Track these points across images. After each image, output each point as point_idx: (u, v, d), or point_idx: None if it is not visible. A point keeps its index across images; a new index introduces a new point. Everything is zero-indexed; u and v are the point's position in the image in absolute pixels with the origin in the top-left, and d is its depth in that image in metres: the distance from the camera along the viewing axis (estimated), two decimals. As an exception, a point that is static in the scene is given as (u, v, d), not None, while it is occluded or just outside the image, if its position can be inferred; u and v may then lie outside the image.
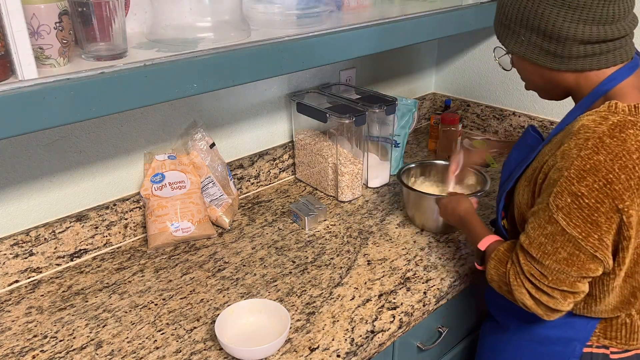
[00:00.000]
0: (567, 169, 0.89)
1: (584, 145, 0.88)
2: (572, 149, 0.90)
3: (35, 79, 0.84)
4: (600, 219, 0.88)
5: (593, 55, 0.93)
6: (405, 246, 1.40)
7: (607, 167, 0.86)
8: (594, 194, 0.87)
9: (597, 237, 0.89)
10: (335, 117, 1.52)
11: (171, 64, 0.98)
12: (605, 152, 0.86)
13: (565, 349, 1.07)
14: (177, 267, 1.32)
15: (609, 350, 1.06)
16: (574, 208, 0.88)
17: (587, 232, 0.89)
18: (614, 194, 0.86)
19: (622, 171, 0.86)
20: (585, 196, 0.87)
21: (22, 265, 1.26)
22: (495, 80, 2.02)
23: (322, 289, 1.24)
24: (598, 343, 1.06)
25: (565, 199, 0.89)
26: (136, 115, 1.38)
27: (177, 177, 1.41)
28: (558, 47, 0.94)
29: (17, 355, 1.06)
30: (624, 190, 0.86)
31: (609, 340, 1.05)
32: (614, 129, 0.88)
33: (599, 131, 0.88)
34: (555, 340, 1.08)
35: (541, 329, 1.10)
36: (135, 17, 1.16)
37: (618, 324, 1.05)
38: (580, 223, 0.89)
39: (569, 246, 0.91)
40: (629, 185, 0.86)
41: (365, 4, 1.51)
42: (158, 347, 1.08)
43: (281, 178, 1.76)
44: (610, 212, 0.87)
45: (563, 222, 0.90)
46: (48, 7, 0.88)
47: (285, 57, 1.15)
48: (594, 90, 0.96)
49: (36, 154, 1.24)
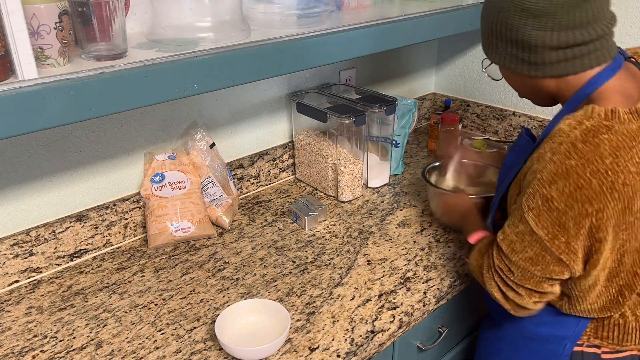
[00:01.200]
0: (540, 171, 0.91)
1: (557, 150, 0.89)
2: (547, 152, 0.91)
3: (35, 79, 0.84)
4: (568, 222, 0.89)
5: (567, 60, 0.93)
6: (405, 246, 1.40)
7: (578, 171, 0.86)
8: (564, 198, 0.88)
9: (564, 241, 0.91)
10: (335, 117, 1.52)
11: (171, 64, 0.98)
12: (577, 157, 0.87)
13: (557, 347, 1.07)
14: (177, 267, 1.32)
15: (600, 350, 1.06)
16: (544, 210, 0.90)
17: (553, 235, 0.91)
18: (584, 198, 0.87)
19: (594, 176, 0.86)
20: (555, 199, 0.88)
21: (22, 265, 1.26)
22: (495, 80, 2.02)
23: (322, 289, 1.24)
24: (589, 342, 1.06)
25: (536, 200, 0.91)
26: (136, 115, 1.38)
27: (177, 177, 1.41)
28: (531, 55, 0.94)
29: (17, 355, 1.06)
30: (594, 195, 0.86)
31: (600, 340, 1.05)
32: (587, 134, 0.88)
33: (572, 136, 0.89)
34: (546, 338, 1.09)
35: (533, 325, 1.11)
36: (135, 17, 1.16)
37: (610, 324, 1.04)
38: (548, 225, 0.91)
39: (536, 246, 0.93)
40: (600, 190, 0.86)
41: (365, 4, 1.51)
42: (158, 347, 1.08)
43: (281, 178, 1.76)
44: (579, 217, 0.88)
45: (532, 222, 0.92)
46: (48, 7, 0.88)
47: (285, 57, 1.15)
48: (575, 94, 0.96)
49: (36, 154, 1.24)
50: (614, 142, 0.87)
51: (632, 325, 1.03)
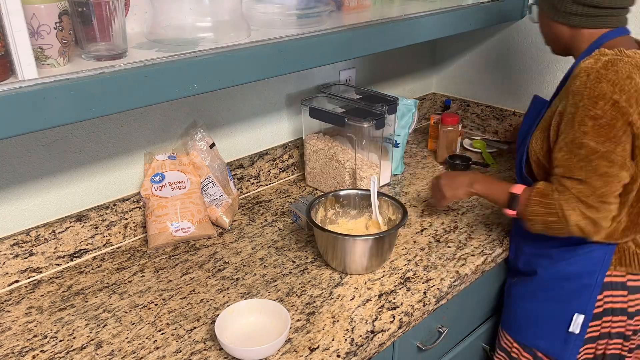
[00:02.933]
0: (580, 100, 1.10)
1: (587, 79, 1.10)
2: (579, 86, 1.11)
3: (35, 79, 0.84)
4: (619, 133, 1.08)
5: (584, 16, 1.16)
6: (405, 246, 1.40)
7: (610, 90, 1.07)
8: (608, 113, 1.07)
9: (622, 148, 1.09)
10: (355, 122, 1.51)
11: (171, 64, 0.98)
12: (605, 80, 1.08)
13: (589, 280, 1.24)
14: (177, 267, 1.32)
15: (625, 278, 1.24)
16: (596, 128, 1.08)
17: (613, 146, 1.09)
18: (622, 110, 1.07)
19: (622, 92, 1.07)
20: (602, 116, 1.08)
21: (22, 265, 1.26)
22: (495, 80, 2.02)
23: (322, 289, 1.24)
24: (616, 271, 1.24)
25: (587, 123, 1.09)
26: (136, 115, 1.38)
27: (177, 177, 1.41)
28: (557, 1, 1.18)
29: (17, 355, 1.06)
30: (628, 106, 1.07)
31: (625, 267, 1.23)
32: (607, 63, 1.10)
33: (596, 67, 1.10)
34: (579, 275, 1.25)
35: (565, 266, 1.27)
36: (135, 17, 1.16)
37: (630, 253, 1.23)
38: (605, 140, 1.08)
39: (604, 161, 1.10)
40: (628, 104, 1.07)
41: (365, 4, 1.51)
42: (158, 347, 1.08)
43: (281, 178, 1.76)
44: (624, 126, 1.08)
45: (592, 142, 1.09)
46: (48, 7, 0.88)
47: (285, 57, 1.15)
48: (589, 47, 1.18)
49: (36, 154, 1.24)
50: (627, 67, 1.09)
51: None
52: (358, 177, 1.57)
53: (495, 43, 1.98)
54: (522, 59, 1.92)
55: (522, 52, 1.91)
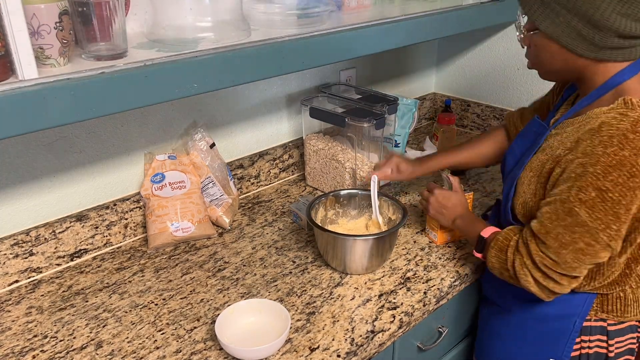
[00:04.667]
0: (592, 165, 0.94)
1: (609, 143, 0.93)
2: (597, 146, 0.94)
3: (36, 79, 0.84)
4: (620, 210, 0.94)
5: (620, 49, 0.97)
6: (405, 246, 1.40)
7: (631, 161, 0.92)
8: (618, 188, 0.92)
9: (616, 228, 0.95)
10: (355, 122, 1.51)
11: (171, 64, 0.98)
12: (629, 148, 0.92)
13: (567, 325, 1.14)
14: (177, 267, 1.32)
15: (606, 323, 1.14)
16: (598, 202, 0.94)
17: (607, 224, 0.95)
18: (635, 185, 0.92)
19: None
20: (610, 190, 0.93)
21: (22, 265, 1.26)
22: (495, 80, 2.03)
23: (322, 289, 1.24)
24: (596, 317, 1.13)
25: (590, 193, 0.94)
26: (136, 115, 1.38)
27: (177, 177, 1.41)
28: (597, 35, 0.96)
29: (17, 355, 1.06)
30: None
31: (605, 314, 1.13)
32: (636, 124, 0.93)
33: (622, 128, 0.93)
34: (556, 318, 1.15)
35: (542, 307, 1.16)
36: (135, 17, 1.16)
37: (613, 298, 1.12)
38: (601, 216, 0.94)
39: (587, 237, 0.96)
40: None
41: (366, 4, 1.51)
42: (158, 347, 1.08)
43: (281, 178, 1.76)
44: (630, 204, 0.93)
45: (585, 214, 0.95)
46: (48, 7, 0.88)
47: (285, 57, 1.15)
48: (605, 83, 1.00)
49: (36, 154, 1.24)
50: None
51: (630, 298, 1.12)
52: (358, 177, 1.57)
53: (495, 43, 1.98)
54: (522, 59, 1.92)
55: (522, 52, 1.90)
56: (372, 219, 1.38)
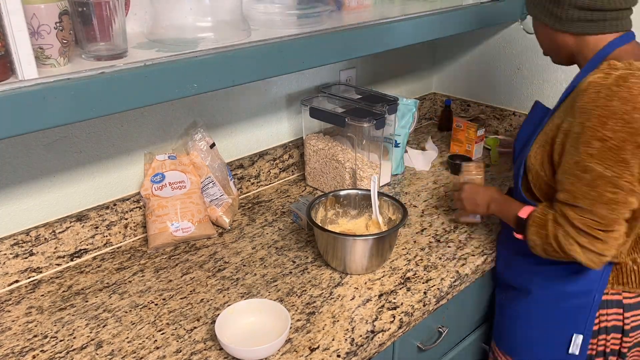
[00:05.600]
0: (587, 119, 1.02)
1: (596, 97, 1.02)
2: (587, 103, 1.03)
3: (36, 79, 0.84)
4: (627, 156, 1.01)
5: (588, 21, 1.08)
6: (405, 246, 1.40)
7: (621, 109, 0.99)
8: (617, 135, 1.00)
9: (630, 173, 1.02)
10: (355, 122, 1.51)
11: (171, 64, 0.98)
12: (617, 98, 1.00)
13: (587, 300, 1.19)
14: (177, 267, 1.32)
15: (621, 297, 1.19)
16: (604, 151, 1.01)
17: (621, 171, 1.01)
18: (633, 131, 0.99)
19: (635, 111, 0.99)
20: (611, 138, 1.00)
21: (22, 265, 1.26)
22: (495, 80, 2.03)
23: (322, 289, 1.24)
24: (613, 290, 1.19)
25: (594, 145, 1.02)
26: (136, 115, 1.38)
27: (177, 177, 1.41)
28: (558, 9, 1.10)
29: (17, 355, 1.07)
30: (639, 127, 0.99)
31: (622, 286, 1.18)
32: (618, 79, 1.01)
33: (607, 83, 1.02)
34: (576, 294, 1.20)
35: (562, 286, 1.22)
36: (135, 17, 1.16)
37: (627, 271, 1.18)
38: (612, 164, 1.01)
39: (610, 187, 1.02)
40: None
41: (366, 4, 1.51)
42: (158, 347, 1.08)
43: (281, 178, 1.76)
44: (634, 149, 1.00)
45: (598, 166, 1.02)
46: (48, 7, 0.88)
47: (285, 57, 1.15)
48: (596, 55, 1.10)
49: (36, 154, 1.24)
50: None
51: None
52: (358, 177, 1.57)
53: (495, 43, 1.98)
54: (522, 59, 1.92)
55: (522, 52, 1.91)
56: (372, 219, 1.38)
